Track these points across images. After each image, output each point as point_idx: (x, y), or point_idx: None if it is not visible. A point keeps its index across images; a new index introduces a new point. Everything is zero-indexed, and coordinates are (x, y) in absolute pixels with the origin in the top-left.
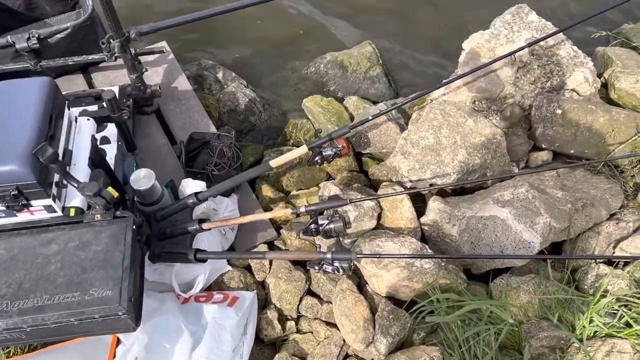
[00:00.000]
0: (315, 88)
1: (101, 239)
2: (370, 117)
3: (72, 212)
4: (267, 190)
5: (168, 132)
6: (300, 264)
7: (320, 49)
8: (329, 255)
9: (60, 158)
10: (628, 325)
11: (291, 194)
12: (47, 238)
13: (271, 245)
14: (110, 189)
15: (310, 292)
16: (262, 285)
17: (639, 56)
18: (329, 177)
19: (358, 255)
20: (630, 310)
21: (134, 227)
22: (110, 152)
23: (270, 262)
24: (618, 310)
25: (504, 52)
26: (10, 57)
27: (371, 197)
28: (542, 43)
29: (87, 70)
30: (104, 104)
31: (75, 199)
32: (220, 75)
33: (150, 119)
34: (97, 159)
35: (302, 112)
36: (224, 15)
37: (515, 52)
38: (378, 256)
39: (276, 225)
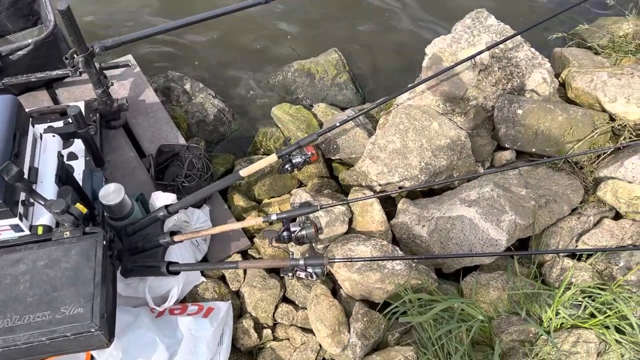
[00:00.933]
0: (284, 96)
1: (71, 256)
2: (338, 124)
3: (40, 231)
4: (239, 200)
5: (137, 145)
6: (275, 272)
7: (287, 57)
8: (301, 262)
9: (25, 176)
10: (592, 315)
11: (263, 202)
12: (15, 258)
13: (245, 255)
14: (78, 205)
15: (285, 299)
16: (237, 295)
17: (594, 56)
18: (301, 184)
19: (330, 260)
20: (593, 301)
21: (104, 242)
22: (78, 167)
23: (245, 271)
24: (582, 302)
25: (466, 56)
26: None
27: (341, 202)
28: (501, 46)
29: (51, 86)
30: (70, 119)
31: (43, 217)
32: (187, 86)
33: (118, 133)
34: (64, 175)
35: (271, 121)
36: (189, 27)
37: (475, 55)
38: (350, 260)
39: (249, 234)
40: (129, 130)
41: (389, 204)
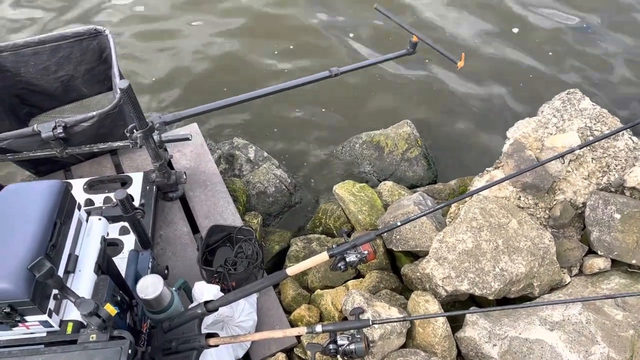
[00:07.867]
0: (349, 169)
1: None
2: (399, 223)
3: (69, 328)
4: (289, 288)
5: (192, 218)
6: None
7: (355, 128)
8: None
9: (64, 264)
10: None
11: (316, 292)
12: None
13: (290, 354)
14: (108, 306)
15: None
16: None
17: None
18: (358, 274)
19: None
20: None
21: (129, 351)
22: (129, 243)
23: None
24: None
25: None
26: (37, 144)
27: (397, 320)
28: (596, 133)
29: (115, 152)
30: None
31: (75, 312)
32: (252, 154)
33: (174, 205)
34: (104, 263)
35: (334, 195)
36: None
37: (567, 153)
38: None
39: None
40: (185, 202)
41: (456, 307)
